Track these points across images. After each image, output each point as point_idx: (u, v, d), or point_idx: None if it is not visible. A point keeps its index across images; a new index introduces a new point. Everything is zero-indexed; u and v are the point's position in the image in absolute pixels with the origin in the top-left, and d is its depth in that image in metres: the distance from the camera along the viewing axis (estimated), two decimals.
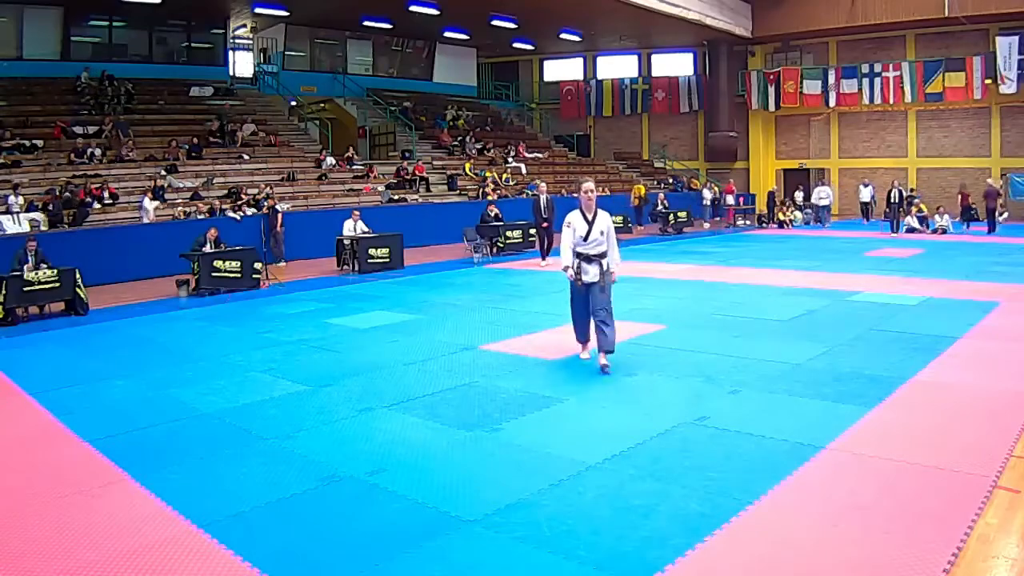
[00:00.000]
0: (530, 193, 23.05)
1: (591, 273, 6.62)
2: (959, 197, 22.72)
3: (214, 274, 12.30)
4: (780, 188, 27.59)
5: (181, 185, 17.44)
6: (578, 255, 6.65)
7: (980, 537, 3.53)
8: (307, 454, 4.89)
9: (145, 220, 15.40)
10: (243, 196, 17.05)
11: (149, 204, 15.56)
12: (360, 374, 6.89)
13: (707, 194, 25.32)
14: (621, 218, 20.84)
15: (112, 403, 6.22)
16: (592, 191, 6.71)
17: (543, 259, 15.04)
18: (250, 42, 26.15)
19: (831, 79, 25.62)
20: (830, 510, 3.84)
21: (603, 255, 6.66)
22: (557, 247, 14.79)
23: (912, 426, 5.07)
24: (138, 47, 21.94)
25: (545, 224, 15.20)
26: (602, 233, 6.64)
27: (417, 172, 22.12)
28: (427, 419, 5.52)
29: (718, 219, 25.45)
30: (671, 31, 25.86)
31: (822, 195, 23.92)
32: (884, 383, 6.02)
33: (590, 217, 6.67)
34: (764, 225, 24.03)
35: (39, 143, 16.88)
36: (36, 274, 10.47)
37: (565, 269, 6.69)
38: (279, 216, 15.98)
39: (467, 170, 23.61)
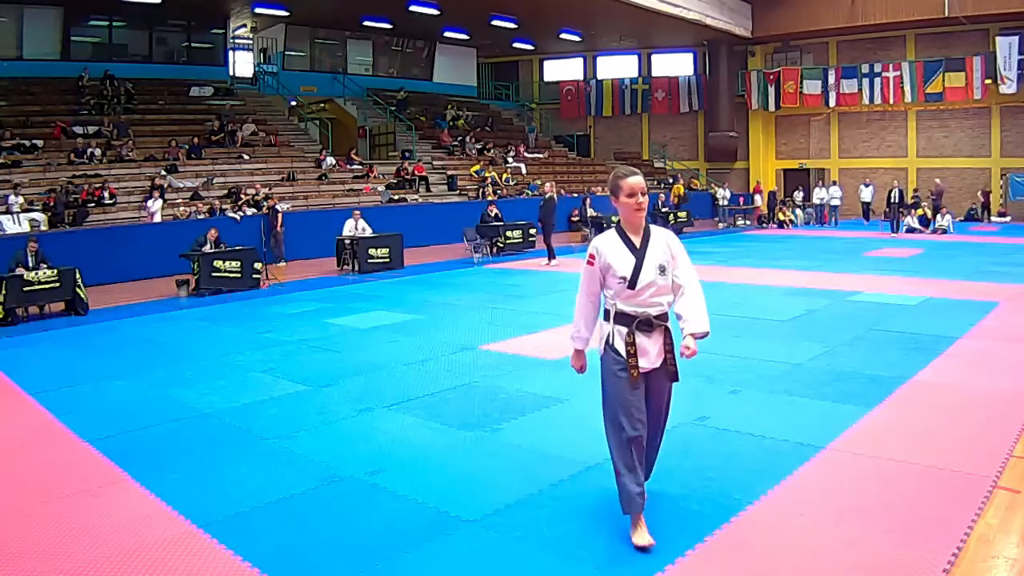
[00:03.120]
0: (531, 193, 23.13)
1: (652, 352, 3.48)
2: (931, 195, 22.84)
3: (214, 274, 12.30)
4: (780, 188, 27.61)
5: (181, 185, 17.44)
6: (622, 318, 3.48)
7: (980, 537, 3.53)
8: (307, 454, 4.89)
9: (156, 217, 15.42)
10: (243, 196, 17.06)
11: (153, 206, 15.55)
12: (360, 374, 6.89)
13: (726, 193, 25.47)
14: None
15: (112, 403, 6.21)
16: (642, 192, 3.50)
17: (549, 260, 14.99)
18: (250, 42, 26.17)
19: (831, 79, 25.63)
20: (830, 510, 3.83)
21: (664, 315, 3.53)
22: (551, 247, 15.07)
23: (912, 426, 5.07)
24: (138, 47, 21.95)
25: (541, 224, 15.23)
26: (662, 271, 3.50)
27: (416, 172, 22.11)
28: (427, 419, 5.52)
29: (716, 219, 25.49)
30: (671, 31, 25.87)
31: (834, 195, 24.00)
32: (884, 383, 6.02)
33: (637, 242, 3.53)
34: (764, 225, 24.05)
35: (39, 143, 16.89)
36: (36, 274, 10.48)
37: (576, 356, 3.72)
38: (279, 216, 15.99)
39: (474, 173, 23.54)
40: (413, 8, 21.55)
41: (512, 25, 24.56)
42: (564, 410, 5.67)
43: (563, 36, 27.29)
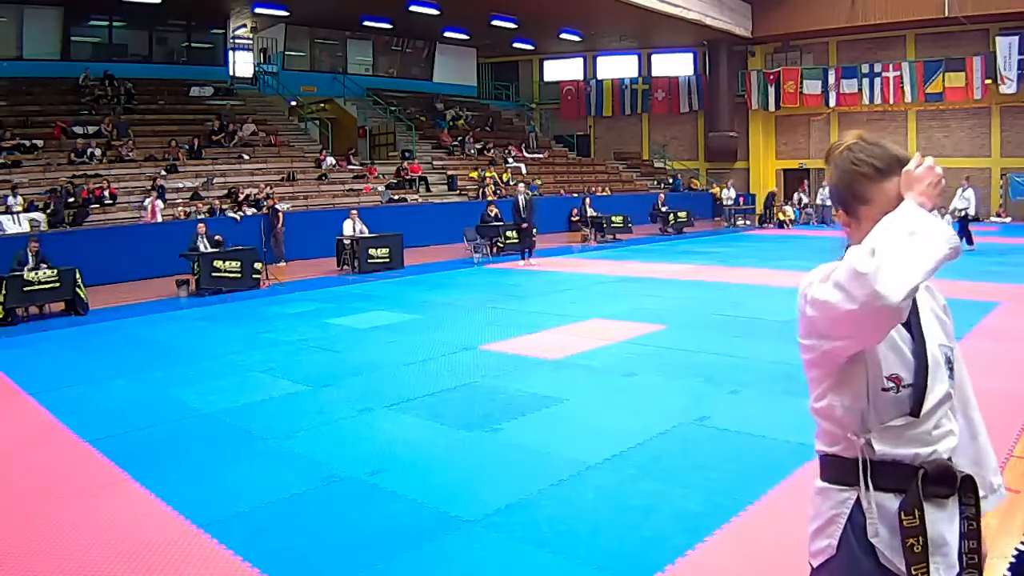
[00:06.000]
0: (531, 193, 23.13)
1: (951, 540, 1.58)
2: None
3: (214, 274, 12.30)
4: (780, 189, 27.61)
5: (180, 186, 17.43)
6: (886, 473, 1.59)
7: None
8: (307, 454, 4.89)
9: (157, 218, 15.43)
10: (240, 196, 17.06)
11: (149, 204, 15.57)
12: (360, 374, 6.89)
13: (731, 193, 25.57)
14: (622, 218, 20.84)
15: (112, 403, 6.21)
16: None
17: (523, 259, 15.25)
18: (250, 42, 26.14)
19: (831, 79, 25.60)
20: None
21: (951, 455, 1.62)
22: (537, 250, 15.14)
23: None
24: (138, 47, 21.94)
25: (524, 226, 15.41)
26: (950, 365, 1.69)
27: (412, 171, 22.10)
28: (427, 419, 5.52)
29: (718, 219, 25.53)
30: (671, 31, 25.84)
31: (826, 196, 24.05)
32: None
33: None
34: (764, 225, 24.07)
35: (39, 143, 16.87)
36: (36, 274, 10.48)
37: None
38: (279, 216, 15.99)
39: (473, 176, 23.52)
40: (413, 8, 21.54)
41: (512, 25, 24.55)
42: (564, 410, 5.67)
43: (563, 36, 27.28)
